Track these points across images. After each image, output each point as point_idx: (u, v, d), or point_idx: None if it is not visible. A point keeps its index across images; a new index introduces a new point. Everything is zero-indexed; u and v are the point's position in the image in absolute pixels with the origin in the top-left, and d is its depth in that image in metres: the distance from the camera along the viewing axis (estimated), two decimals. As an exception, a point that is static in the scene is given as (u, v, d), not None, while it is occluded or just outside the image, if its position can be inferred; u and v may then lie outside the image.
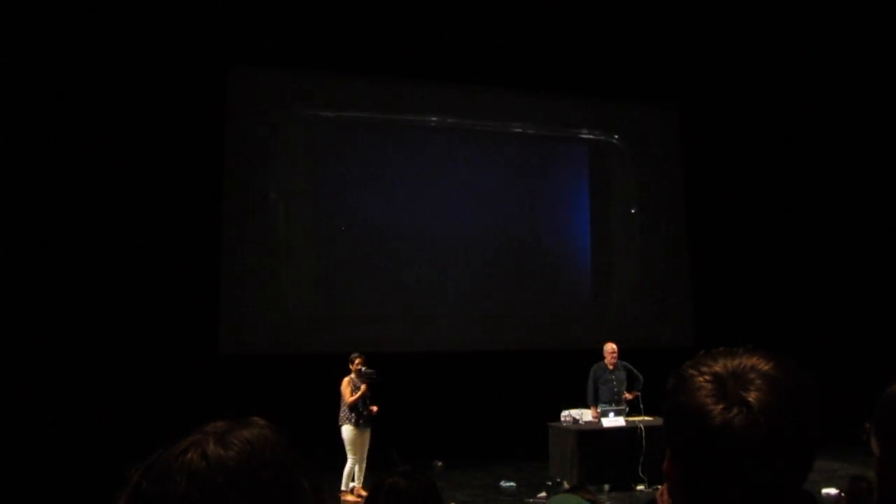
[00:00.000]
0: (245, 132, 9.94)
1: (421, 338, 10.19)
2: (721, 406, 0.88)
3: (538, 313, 10.92)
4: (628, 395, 8.39)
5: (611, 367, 8.40)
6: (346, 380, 7.44)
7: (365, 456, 7.44)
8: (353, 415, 7.36)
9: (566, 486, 7.39)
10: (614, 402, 8.27)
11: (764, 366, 0.91)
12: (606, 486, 7.82)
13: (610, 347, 8.45)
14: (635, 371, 8.45)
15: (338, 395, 7.51)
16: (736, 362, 0.92)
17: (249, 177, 9.94)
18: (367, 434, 7.49)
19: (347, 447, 7.38)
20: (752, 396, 0.88)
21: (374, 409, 7.43)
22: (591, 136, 11.62)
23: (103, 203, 8.98)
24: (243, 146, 9.91)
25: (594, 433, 7.93)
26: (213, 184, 9.63)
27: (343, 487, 7.37)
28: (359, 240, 10.21)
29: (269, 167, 10.04)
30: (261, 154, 9.99)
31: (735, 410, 0.87)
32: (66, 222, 8.77)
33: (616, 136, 11.72)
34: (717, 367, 0.92)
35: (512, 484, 8.31)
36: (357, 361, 7.53)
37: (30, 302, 8.48)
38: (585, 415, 8.28)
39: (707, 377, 0.91)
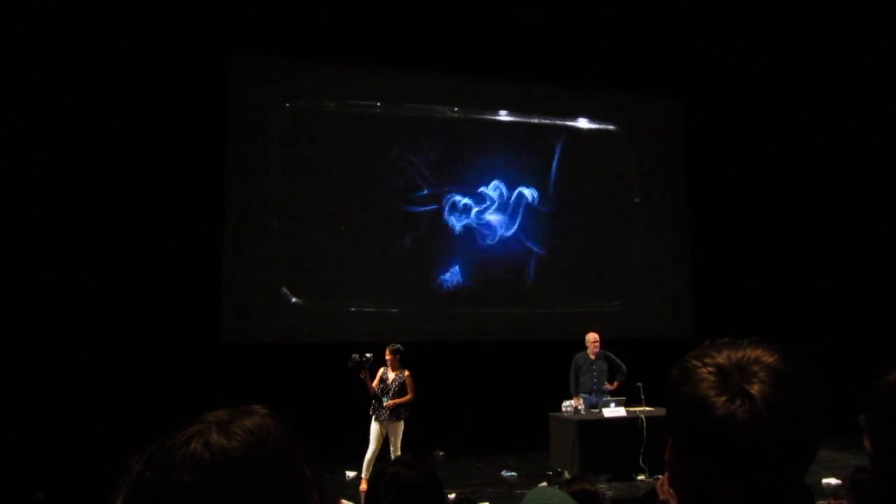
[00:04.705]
0: (247, 121, 9.90)
1: (422, 328, 10.18)
2: (724, 398, 0.88)
3: (539, 303, 10.92)
4: (609, 385, 8.43)
5: (592, 357, 8.42)
6: (380, 370, 7.32)
7: (377, 449, 7.16)
8: (373, 404, 7.25)
9: (567, 475, 7.40)
10: (595, 391, 8.30)
11: (768, 358, 0.90)
12: (607, 476, 7.85)
13: (592, 337, 8.45)
14: (617, 360, 8.48)
15: (336, 384, 7.47)
16: (740, 354, 0.91)
17: (251, 166, 9.91)
18: (385, 428, 7.18)
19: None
20: (754, 389, 0.87)
21: (389, 403, 7.14)
22: (594, 126, 11.58)
23: (105, 192, 8.97)
24: (246, 135, 9.88)
25: (595, 423, 7.94)
26: (215, 172, 9.61)
27: (362, 474, 7.26)
28: (361, 229, 10.20)
29: (272, 156, 10.01)
30: (263, 143, 9.97)
31: (738, 402, 0.87)
32: (68, 211, 8.76)
33: (619, 126, 11.68)
34: (721, 359, 0.91)
35: (513, 474, 8.35)
36: (386, 351, 7.37)
37: (33, 290, 8.49)
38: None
39: (710, 368, 0.91)
